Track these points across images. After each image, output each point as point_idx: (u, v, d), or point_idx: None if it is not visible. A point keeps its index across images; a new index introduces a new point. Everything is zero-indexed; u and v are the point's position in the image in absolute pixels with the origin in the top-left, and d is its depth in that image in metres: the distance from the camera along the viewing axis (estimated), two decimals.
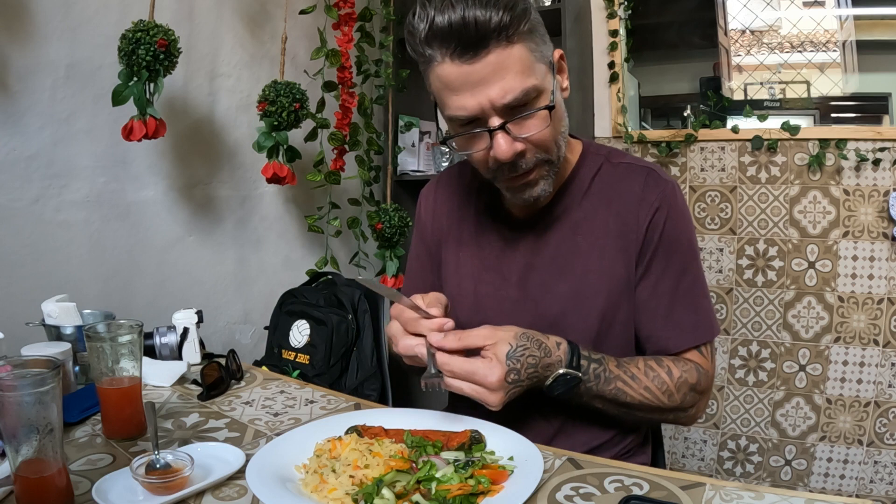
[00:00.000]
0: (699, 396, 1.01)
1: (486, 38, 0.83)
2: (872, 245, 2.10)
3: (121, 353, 0.94)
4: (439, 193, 1.21)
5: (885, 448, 2.11)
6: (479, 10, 0.82)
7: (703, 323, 1.03)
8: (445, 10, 0.83)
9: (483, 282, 1.10)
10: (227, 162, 1.99)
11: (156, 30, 1.44)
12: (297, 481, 0.79)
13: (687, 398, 0.99)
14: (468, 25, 0.83)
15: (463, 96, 0.87)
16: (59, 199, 1.57)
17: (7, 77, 1.44)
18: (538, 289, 1.05)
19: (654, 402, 0.97)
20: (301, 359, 1.87)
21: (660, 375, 0.97)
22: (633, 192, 1.02)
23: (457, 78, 0.87)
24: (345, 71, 2.07)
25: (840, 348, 2.16)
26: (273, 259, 2.18)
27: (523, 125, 0.90)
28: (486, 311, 1.08)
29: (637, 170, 1.05)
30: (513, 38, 0.85)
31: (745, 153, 2.23)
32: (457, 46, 0.84)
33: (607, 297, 1.01)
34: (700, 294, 1.04)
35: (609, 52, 2.37)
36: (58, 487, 0.72)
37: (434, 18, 0.84)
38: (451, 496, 0.72)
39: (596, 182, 1.05)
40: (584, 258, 1.02)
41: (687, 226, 1.05)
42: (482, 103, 0.87)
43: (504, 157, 0.90)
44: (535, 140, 0.91)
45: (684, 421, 1.04)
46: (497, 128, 0.88)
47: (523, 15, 0.86)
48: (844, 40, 2.15)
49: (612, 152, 1.09)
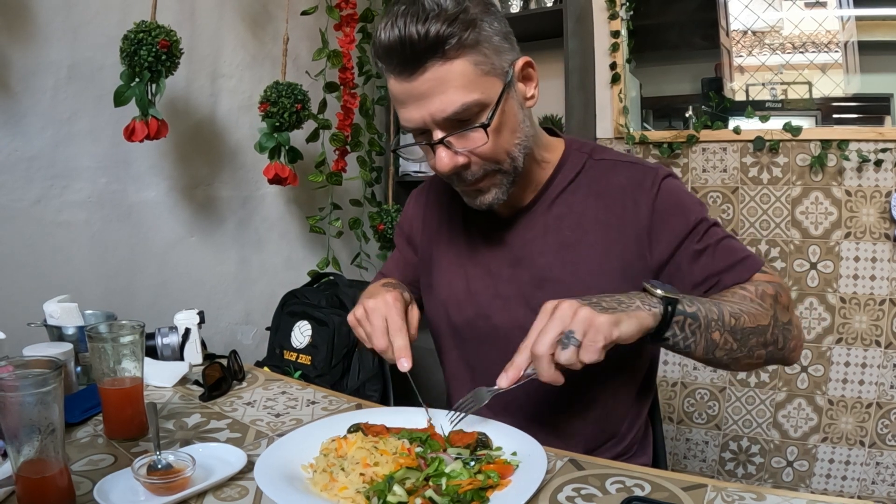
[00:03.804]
0: (787, 312, 0.95)
1: (421, 55, 0.85)
2: (874, 246, 2.09)
3: (122, 353, 0.94)
4: (431, 195, 1.22)
5: (887, 449, 2.11)
6: (417, 25, 0.84)
7: (749, 257, 0.99)
8: (388, 28, 0.86)
9: (472, 279, 1.10)
10: (228, 163, 2.00)
11: (158, 30, 1.44)
12: (305, 480, 0.79)
13: (777, 310, 0.93)
14: (404, 44, 0.85)
15: (408, 109, 0.90)
16: (60, 200, 1.57)
17: (9, 78, 1.44)
18: (529, 284, 1.05)
19: (753, 309, 0.90)
20: (303, 359, 1.87)
21: (735, 291, 0.93)
22: (619, 185, 1.02)
23: (401, 93, 0.90)
24: (346, 72, 2.07)
25: (842, 349, 2.15)
26: (275, 260, 2.19)
27: (465, 139, 0.91)
28: (479, 307, 1.08)
29: (622, 164, 1.05)
30: (450, 54, 0.85)
31: (747, 154, 2.23)
32: (397, 64, 0.87)
33: (599, 287, 0.98)
34: (731, 238, 1.00)
35: (611, 52, 2.37)
36: (59, 488, 0.72)
37: (380, 36, 0.87)
38: (462, 491, 0.72)
39: (581, 177, 1.06)
40: (573, 251, 1.02)
41: (687, 194, 1.02)
42: (423, 117, 0.89)
43: (444, 169, 0.92)
44: (479, 153, 0.92)
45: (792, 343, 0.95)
46: (436, 142, 0.90)
47: (465, 27, 0.85)
48: (846, 41, 2.15)
49: (596, 149, 1.09)
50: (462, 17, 0.85)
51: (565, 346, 0.77)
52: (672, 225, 0.99)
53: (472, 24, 0.86)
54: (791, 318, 0.96)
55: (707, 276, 0.97)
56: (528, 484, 0.75)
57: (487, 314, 1.07)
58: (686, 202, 1.01)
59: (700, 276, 0.98)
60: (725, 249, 0.98)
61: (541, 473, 0.77)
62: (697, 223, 0.99)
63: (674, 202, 1.00)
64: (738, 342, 0.88)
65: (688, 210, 1.00)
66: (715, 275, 0.97)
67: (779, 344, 0.93)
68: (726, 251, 0.98)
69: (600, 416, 1.05)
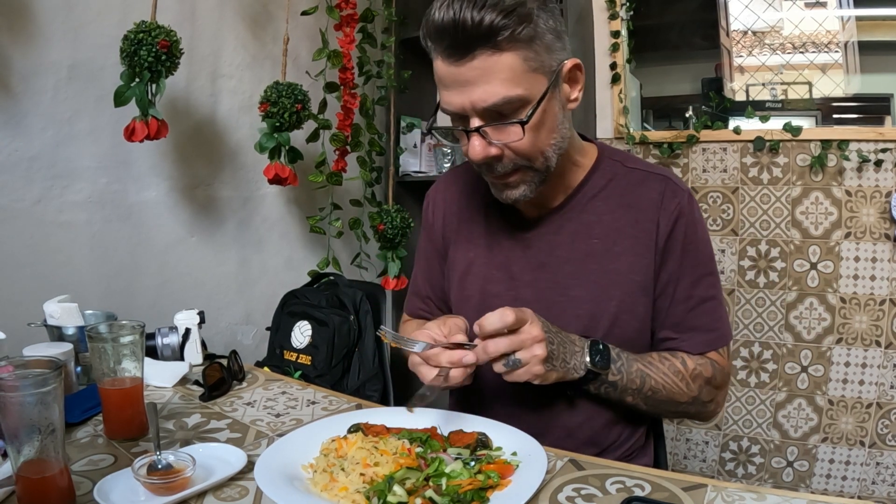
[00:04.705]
0: (716, 391, 1.02)
1: (472, 43, 0.84)
2: (874, 246, 2.09)
3: (122, 353, 0.94)
4: (448, 192, 1.20)
5: (888, 449, 2.11)
6: (473, 11, 0.82)
7: (719, 329, 1.04)
8: (444, 9, 0.85)
9: (493, 281, 1.09)
10: (228, 163, 2.00)
11: (158, 31, 1.44)
12: (305, 480, 0.79)
13: (703, 391, 1.00)
14: (458, 27, 0.83)
15: (451, 93, 0.90)
16: (61, 200, 1.57)
17: (9, 78, 1.44)
18: (551, 290, 1.04)
19: (675, 388, 0.98)
20: (303, 360, 1.87)
21: (674, 364, 0.99)
22: (650, 198, 1.02)
23: (446, 76, 0.89)
24: (346, 72, 2.07)
25: (842, 349, 2.15)
26: (275, 260, 2.19)
27: (502, 131, 0.91)
28: None
29: (654, 177, 1.04)
30: (501, 45, 0.84)
31: (747, 154, 2.23)
32: (447, 47, 0.86)
33: (621, 301, 1.01)
34: (717, 302, 1.04)
35: (611, 53, 2.36)
36: (59, 488, 0.72)
37: (434, 15, 0.86)
38: (462, 491, 0.72)
39: (612, 186, 1.05)
40: (598, 260, 1.02)
41: (705, 235, 1.05)
42: (464, 104, 0.88)
43: (475, 157, 0.92)
44: (513, 147, 0.92)
45: (705, 415, 1.05)
46: (473, 130, 0.90)
47: (521, 21, 0.84)
48: (846, 41, 2.15)
49: (629, 158, 1.09)
50: (519, 10, 0.84)
51: (507, 366, 0.87)
52: (684, 260, 1.01)
53: (527, 19, 0.85)
54: (716, 396, 1.03)
55: (676, 323, 1.03)
56: (529, 484, 0.76)
57: None
58: (705, 240, 1.04)
59: (670, 321, 1.03)
60: (706, 312, 1.03)
61: (541, 473, 0.77)
62: (705, 274, 1.02)
63: (696, 238, 1.02)
64: (648, 406, 1.01)
65: (703, 252, 1.03)
66: (680, 330, 1.02)
67: (690, 413, 1.05)
68: (706, 314, 1.03)
69: (601, 416, 1.05)
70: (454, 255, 1.16)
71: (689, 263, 1.01)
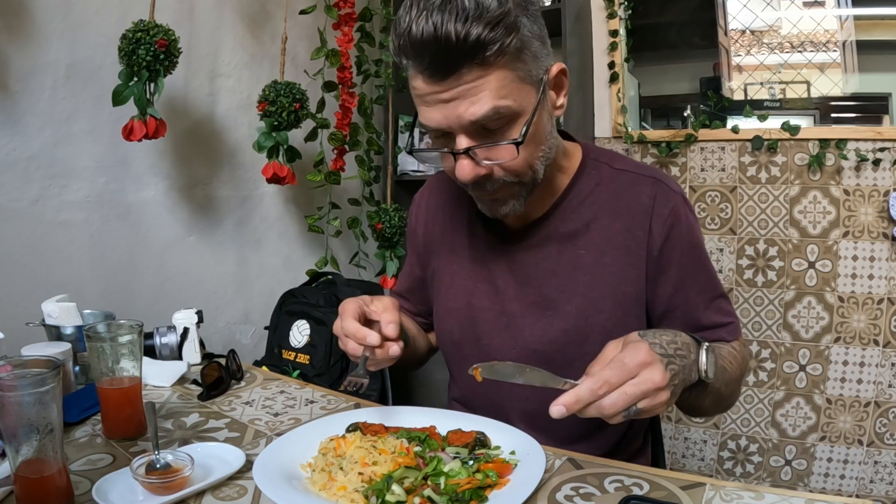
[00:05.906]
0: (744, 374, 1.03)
1: (457, 59, 0.77)
2: (872, 245, 2.10)
3: (121, 353, 0.94)
4: (431, 199, 1.16)
5: (886, 448, 2.11)
6: (457, 23, 0.75)
7: (734, 321, 1.03)
8: (421, 21, 0.76)
9: (477, 294, 1.04)
10: (227, 162, 2.00)
11: (156, 30, 1.44)
12: (304, 480, 0.79)
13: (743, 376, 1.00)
14: (440, 43, 0.76)
15: (432, 109, 0.83)
16: (59, 200, 1.57)
17: (7, 77, 1.44)
18: (538, 304, 0.99)
19: (737, 373, 0.96)
20: (301, 359, 1.87)
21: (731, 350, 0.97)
22: (641, 203, 0.96)
23: (427, 93, 0.82)
24: (345, 71, 2.07)
25: (840, 348, 2.16)
26: (273, 259, 2.19)
27: (491, 151, 0.85)
28: (482, 325, 1.04)
29: (645, 179, 0.98)
30: (490, 61, 0.78)
31: (746, 153, 2.23)
32: (428, 65, 0.79)
33: (612, 314, 0.96)
34: (725, 297, 1.03)
35: (609, 52, 2.37)
36: (58, 487, 0.72)
37: (410, 29, 0.78)
38: (460, 490, 0.72)
39: (599, 191, 0.99)
40: (587, 272, 0.97)
41: (700, 235, 1.02)
42: (450, 120, 0.82)
43: (464, 179, 0.86)
44: (506, 167, 0.86)
45: (731, 404, 1.01)
46: (461, 151, 0.83)
47: (508, 32, 0.77)
48: (844, 40, 2.15)
49: (615, 157, 1.03)
50: (505, 20, 0.77)
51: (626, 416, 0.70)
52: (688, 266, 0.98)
53: (514, 28, 0.78)
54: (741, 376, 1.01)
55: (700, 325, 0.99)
56: (527, 483, 0.75)
57: (490, 332, 1.02)
58: (701, 242, 1.02)
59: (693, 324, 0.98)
60: (720, 307, 1.01)
61: (539, 472, 0.77)
62: (709, 275, 1.01)
63: (694, 242, 0.99)
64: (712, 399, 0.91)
65: (702, 254, 1.01)
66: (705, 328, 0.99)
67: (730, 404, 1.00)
68: (720, 309, 1.01)
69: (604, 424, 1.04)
70: (437, 264, 1.12)
71: (692, 269, 0.98)
